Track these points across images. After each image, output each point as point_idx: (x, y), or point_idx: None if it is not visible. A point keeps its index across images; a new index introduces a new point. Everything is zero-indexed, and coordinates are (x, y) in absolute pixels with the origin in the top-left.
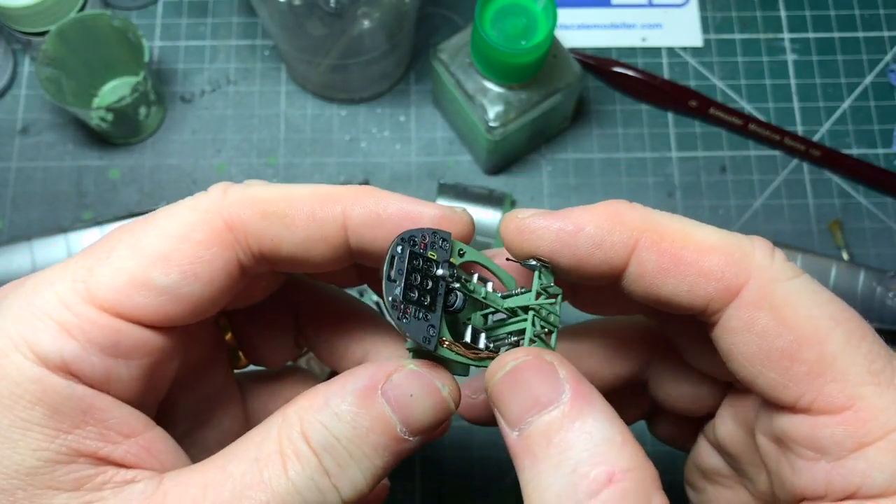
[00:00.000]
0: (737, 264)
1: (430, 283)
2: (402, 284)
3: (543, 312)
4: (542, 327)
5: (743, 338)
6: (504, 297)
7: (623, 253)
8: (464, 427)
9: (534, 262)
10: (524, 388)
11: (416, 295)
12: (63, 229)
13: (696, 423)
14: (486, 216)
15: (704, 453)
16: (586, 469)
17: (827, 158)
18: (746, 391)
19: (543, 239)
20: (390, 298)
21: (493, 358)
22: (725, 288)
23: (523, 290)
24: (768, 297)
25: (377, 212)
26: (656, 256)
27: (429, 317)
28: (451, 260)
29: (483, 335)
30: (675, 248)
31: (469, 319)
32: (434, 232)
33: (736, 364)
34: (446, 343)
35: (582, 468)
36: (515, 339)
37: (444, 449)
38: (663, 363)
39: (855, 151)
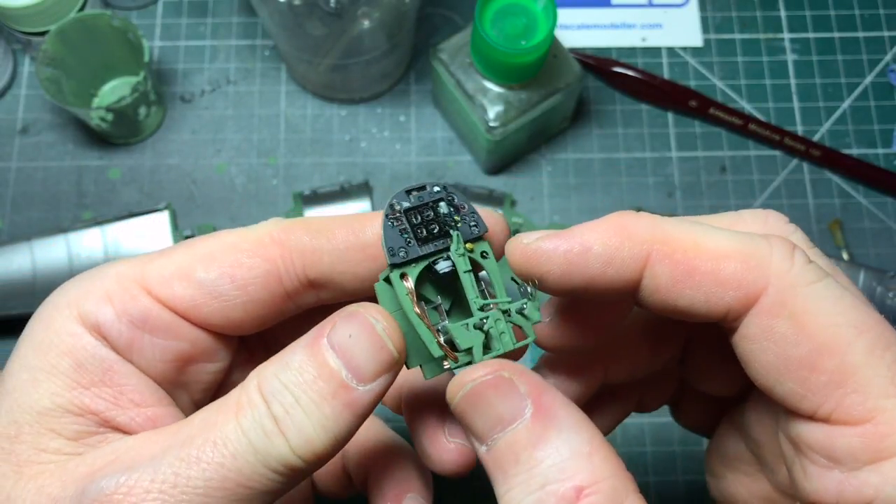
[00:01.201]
0: (754, 270)
1: (437, 229)
2: (413, 205)
3: (500, 325)
4: (487, 338)
5: (761, 346)
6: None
7: (635, 268)
8: None
9: (520, 283)
10: (486, 407)
11: (417, 221)
12: (63, 229)
13: (722, 408)
14: None
15: (728, 439)
16: (555, 486)
17: (827, 158)
18: None
19: (552, 263)
20: (394, 200)
21: (447, 349)
22: (744, 295)
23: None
24: (787, 304)
25: None
26: (669, 269)
27: (410, 243)
28: (468, 245)
29: None
30: (688, 258)
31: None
32: (473, 212)
33: (754, 371)
34: (408, 286)
35: (550, 486)
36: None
37: None
38: (700, 341)
39: (855, 151)
